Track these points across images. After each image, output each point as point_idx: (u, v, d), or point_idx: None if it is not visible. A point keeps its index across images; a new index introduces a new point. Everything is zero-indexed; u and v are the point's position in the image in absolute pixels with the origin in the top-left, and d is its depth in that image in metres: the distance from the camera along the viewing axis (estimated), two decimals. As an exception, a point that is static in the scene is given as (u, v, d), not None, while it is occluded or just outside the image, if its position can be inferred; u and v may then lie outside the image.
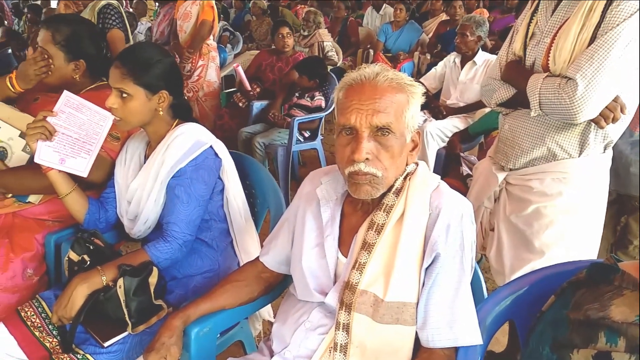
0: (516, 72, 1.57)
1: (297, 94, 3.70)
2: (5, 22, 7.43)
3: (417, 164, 1.21)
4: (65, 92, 1.50)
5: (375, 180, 1.09)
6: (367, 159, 1.07)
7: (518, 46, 1.58)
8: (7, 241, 1.66)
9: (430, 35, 5.63)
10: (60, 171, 1.53)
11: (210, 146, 1.58)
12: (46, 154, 1.49)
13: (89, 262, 1.46)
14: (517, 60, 1.60)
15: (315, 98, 3.62)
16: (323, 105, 3.65)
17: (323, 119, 3.74)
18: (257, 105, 3.82)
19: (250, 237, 1.71)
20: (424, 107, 3.01)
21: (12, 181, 1.68)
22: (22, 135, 1.76)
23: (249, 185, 1.77)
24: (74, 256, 1.47)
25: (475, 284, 1.18)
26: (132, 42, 3.18)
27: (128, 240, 1.77)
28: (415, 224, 1.10)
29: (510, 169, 1.68)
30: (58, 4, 3.22)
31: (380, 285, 1.09)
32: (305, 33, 4.99)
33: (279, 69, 3.98)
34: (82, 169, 1.55)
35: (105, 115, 1.53)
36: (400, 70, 4.51)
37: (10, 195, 1.73)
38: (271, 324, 1.38)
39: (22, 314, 1.45)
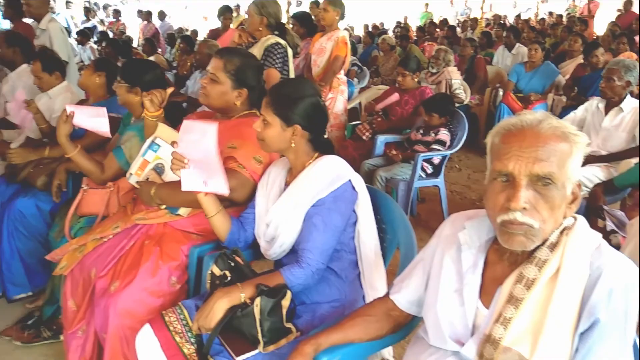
0: None
1: (421, 131, 3.68)
2: (159, 50, 8.31)
3: (575, 217, 1.13)
4: (185, 121, 1.56)
5: (531, 232, 1.04)
6: (524, 208, 1.03)
7: None
8: (158, 249, 1.83)
9: (567, 77, 5.32)
10: (207, 194, 1.65)
11: (349, 179, 1.63)
12: (190, 181, 1.58)
13: (229, 278, 1.55)
14: None
15: (440, 133, 3.57)
16: (447, 141, 3.59)
17: (447, 157, 3.67)
18: (382, 139, 3.86)
19: (378, 272, 1.72)
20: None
21: (167, 194, 1.86)
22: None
23: (380, 220, 1.78)
24: (216, 270, 1.57)
25: None
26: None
27: (262, 259, 1.85)
28: (571, 283, 1.02)
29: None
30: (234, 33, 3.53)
31: (527, 344, 1.02)
32: (434, 70, 4.98)
33: (405, 102, 4.01)
34: (223, 189, 1.61)
35: (208, 126, 1.52)
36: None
37: (164, 206, 1.91)
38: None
39: (166, 318, 1.58)
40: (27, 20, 4.35)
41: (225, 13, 6.40)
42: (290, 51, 3.32)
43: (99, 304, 1.75)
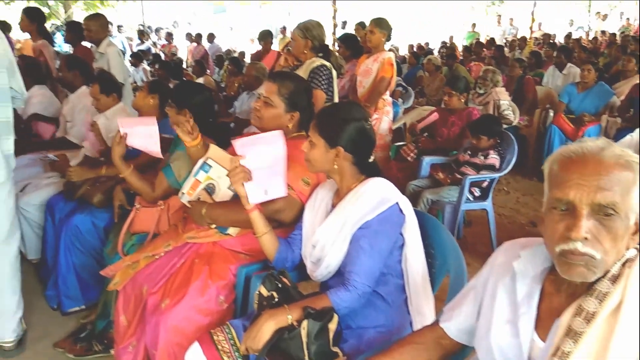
0: None
1: (469, 152, 3.62)
2: (208, 71, 8.56)
3: (638, 249, 1.08)
4: (234, 141, 1.66)
5: (592, 263, 1.00)
6: (585, 238, 0.99)
7: None
8: (207, 268, 1.87)
9: (622, 98, 5.13)
10: (259, 213, 1.69)
11: (396, 202, 1.62)
12: (253, 193, 1.66)
13: (276, 299, 1.56)
14: None
15: (490, 156, 3.50)
16: (497, 164, 3.51)
17: (496, 180, 3.59)
18: (427, 160, 3.82)
19: (426, 298, 1.69)
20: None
21: (219, 214, 1.91)
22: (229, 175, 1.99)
23: (428, 245, 1.76)
24: (264, 291, 1.59)
25: None
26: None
27: (308, 280, 1.86)
28: (635, 318, 0.98)
29: None
30: (278, 57, 3.64)
31: (587, 379, 0.98)
32: (481, 91, 4.91)
33: (451, 123, 3.97)
34: (282, 191, 1.70)
35: (274, 134, 1.66)
36: (584, 134, 4.19)
37: (214, 225, 1.96)
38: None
39: (215, 337, 1.60)
40: (86, 44, 4.60)
41: (266, 37, 6.66)
42: (334, 73, 3.36)
43: (150, 321, 1.79)
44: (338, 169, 1.67)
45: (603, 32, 13.99)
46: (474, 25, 15.46)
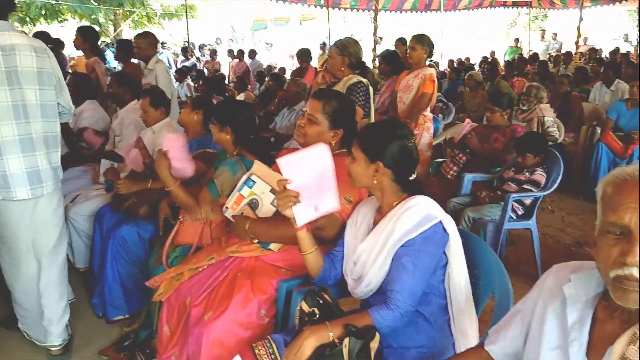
0: None
1: (513, 169, 3.55)
2: (249, 86, 8.73)
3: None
4: (278, 160, 1.60)
5: None
6: None
7: None
8: (249, 282, 1.89)
9: (675, 115, 4.92)
10: (307, 231, 1.70)
11: (440, 221, 1.61)
12: (303, 214, 1.63)
13: (318, 316, 1.57)
14: None
15: (536, 173, 3.41)
16: (542, 181, 3.42)
17: (540, 198, 3.49)
18: (469, 177, 3.76)
19: (469, 319, 1.65)
20: None
21: (262, 229, 1.94)
22: (272, 191, 2.02)
23: (472, 265, 1.73)
24: (305, 307, 1.59)
25: None
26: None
27: (349, 297, 1.85)
28: (695, 348, 0.93)
29: None
30: (316, 74, 3.71)
31: (643, 410, 0.94)
32: (525, 107, 4.81)
33: (494, 139, 3.90)
34: (334, 205, 1.65)
35: (320, 149, 1.61)
36: (634, 153, 4.01)
37: (256, 240, 1.98)
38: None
39: (256, 351, 1.61)
40: (135, 61, 4.78)
41: (303, 56, 6.79)
42: (371, 89, 3.38)
43: (193, 332, 1.82)
44: (378, 184, 1.67)
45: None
46: (516, 40, 15.21)
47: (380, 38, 12.27)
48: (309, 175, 1.60)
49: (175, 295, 2.01)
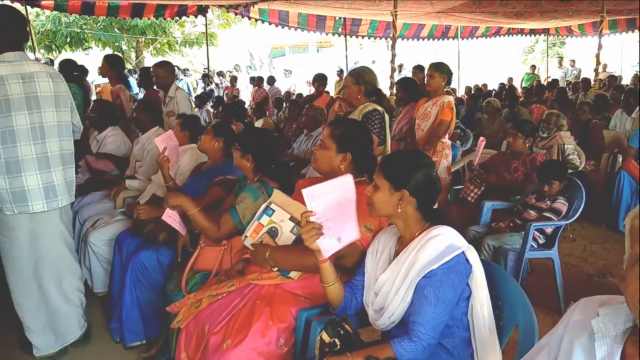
0: None
1: (534, 196, 3.50)
2: (267, 112, 8.83)
3: None
4: (304, 191, 1.57)
5: None
6: None
7: None
8: (269, 310, 1.88)
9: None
10: (330, 263, 1.69)
11: (463, 252, 1.59)
12: (328, 246, 1.62)
13: (339, 346, 1.55)
14: None
15: (557, 201, 3.36)
16: (564, 210, 3.36)
17: (562, 227, 3.43)
18: (489, 205, 3.72)
19: (493, 352, 1.62)
20: None
21: (282, 257, 1.94)
22: (292, 219, 2.02)
23: (495, 297, 1.70)
24: (326, 337, 1.58)
25: None
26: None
27: (369, 326, 1.83)
28: None
29: None
30: (334, 101, 3.76)
31: None
32: (545, 135, 4.77)
33: (514, 168, 3.87)
34: (355, 235, 1.67)
35: (345, 180, 1.62)
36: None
37: (276, 268, 1.98)
38: None
39: (275, 381, 1.59)
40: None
41: (319, 80, 6.84)
42: (387, 117, 3.40)
43: (211, 360, 1.81)
44: (401, 213, 1.67)
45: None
46: (533, 67, 15.21)
47: (401, 65, 12.41)
48: (332, 205, 1.60)
49: (194, 322, 2.00)
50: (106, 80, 5.33)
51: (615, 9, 8.55)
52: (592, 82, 8.22)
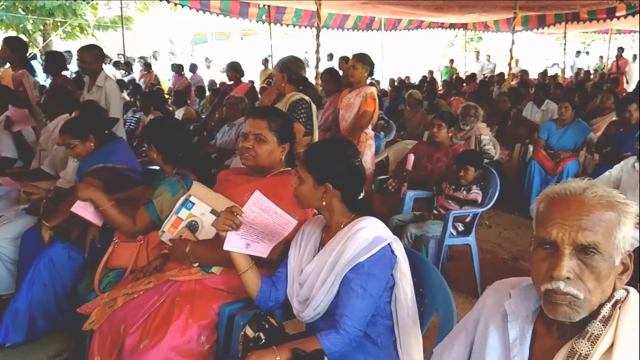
0: None
1: (452, 187, 3.64)
2: (188, 101, 8.54)
3: (627, 290, 1.08)
4: (257, 193, 1.63)
5: (575, 302, 1.00)
6: (567, 277, 0.99)
7: None
8: (189, 307, 1.80)
9: (599, 134, 5.25)
10: None
11: (389, 243, 1.60)
12: (234, 242, 1.63)
13: (263, 340, 1.51)
14: None
15: (472, 191, 3.52)
16: (479, 199, 3.53)
17: (479, 214, 3.60)
18: (411, 194, 3.82)
19: (415, 339, 1.65)
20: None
21: (203, 252, 1.86)
22: (213, 212, 1.95)
23: (417, 284, 1.72)
24: (250, 333, 1.53)
25: None
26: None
27: (294, 319, 1.80)
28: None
29: None
30: (261, 91, 3.70)
31: None
32: (467, 127, 4.95)
33: (437, 159, 3.99)
34: (264, 252, 1.69)
35: (289, 221, 1.66)
36: (563, 170, 4.23)
37: (196, 264, 1.90)
38: None
39: (196, 381, 1.53)
40: (66, 74, 4.53)
41: (232, 69, 6.68)
42: (314, 106, 3.39)
43: (127, 363, 1.71)
44: (327, 205, 1.65)
45: (579, 69, 14.48)
46: (451, 60, 15.85)
47: (331, 55, 12.45)
48: (263, 223, 1.63)
49: (108, 322, 1.88)
50: (7, 65, 4.90)
51: (526, 5, 9.05)
52: (506, 76, 8.70)
